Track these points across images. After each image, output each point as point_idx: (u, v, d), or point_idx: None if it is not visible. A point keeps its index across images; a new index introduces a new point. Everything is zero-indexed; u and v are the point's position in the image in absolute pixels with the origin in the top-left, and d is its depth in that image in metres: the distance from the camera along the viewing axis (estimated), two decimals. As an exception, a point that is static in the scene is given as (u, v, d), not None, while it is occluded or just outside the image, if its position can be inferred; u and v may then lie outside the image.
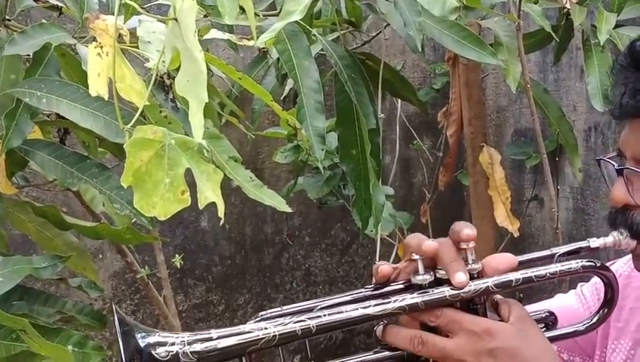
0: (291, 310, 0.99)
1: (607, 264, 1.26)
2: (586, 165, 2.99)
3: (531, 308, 1.21)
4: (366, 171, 1.81)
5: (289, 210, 1.44)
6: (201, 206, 0.98)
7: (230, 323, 3.49)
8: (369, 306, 0.98)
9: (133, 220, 1.55)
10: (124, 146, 0.95)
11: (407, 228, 3.16)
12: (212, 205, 1.01)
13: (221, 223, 0.99)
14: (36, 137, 1.55)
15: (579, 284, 1.31)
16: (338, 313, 0.97)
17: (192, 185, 1.02)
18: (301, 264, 3.64)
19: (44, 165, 1.47)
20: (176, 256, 3.03)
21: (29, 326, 1.30)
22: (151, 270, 2.54)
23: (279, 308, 0.99)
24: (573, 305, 1.30)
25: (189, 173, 1.00)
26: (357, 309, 0.97)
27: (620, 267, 1.26)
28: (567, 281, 2.17)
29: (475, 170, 3.01)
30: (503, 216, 2.87)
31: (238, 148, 1.64)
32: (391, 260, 2.84)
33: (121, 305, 3.25)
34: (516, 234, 2.89)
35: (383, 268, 1.02)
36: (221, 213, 0.96)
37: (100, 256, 3.16)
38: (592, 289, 1.28)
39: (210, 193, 0.97)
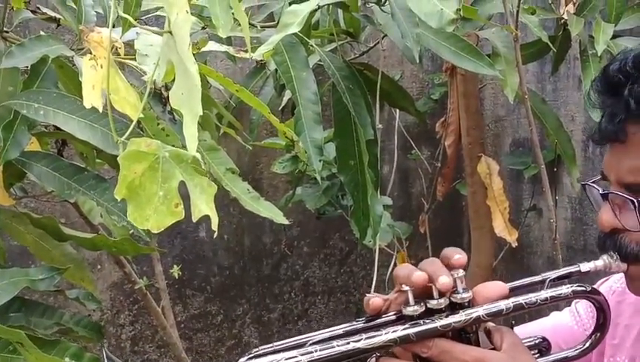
0: (283, 346, 0.99)
1: (602, 280, 1.26)
2: (584, 175, 2.98)
3: (526, 329, 1.21)
4: (364, 182, 1.81)
5: (286, 222, 1.45)
6: (194, 219, 0.98)
7: (229, 334, 3.49)
8: (360, 340, 0.97)
9: (130, 231, 1.55)
10: (117, 159, 0.95)
11: (405, 238, 3.16)
12: (209, 216, 1.01)
13: (214, 236, 0.99)
14: (34, 149, 1.55)
15: (573, 302, 1.31)
16: (330, 348, 0.97)
17: (188, 196, 1.02)
18: (300, 274, 3.64)
19: (41, 177, 1.47)
20: (175, 266, 3.02)
21: (26, 338, 1.30)
22: (149, 281, 2.53)
23: (271, 344, 0.99)
24: (568, 323, 1.29)
25: (183, 185, 1.00)
26: (348, 343, 0.97)
27: (614, 283, 1.25)
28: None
29: (473, 180, 3.00)
30: (501, 226, 2.86)
31: (236, 158, 1.64)
32: (389, 270, 2.84)
33: (120, 315, 3.25)
34: (514, 245, 2.89)
35: (374, 300, 1.01)
36: (215, 226, 0.96)
37: (98, 266, 3.16)
38: (586, 307, 1.28)
39: (204, 206, 0.97)
